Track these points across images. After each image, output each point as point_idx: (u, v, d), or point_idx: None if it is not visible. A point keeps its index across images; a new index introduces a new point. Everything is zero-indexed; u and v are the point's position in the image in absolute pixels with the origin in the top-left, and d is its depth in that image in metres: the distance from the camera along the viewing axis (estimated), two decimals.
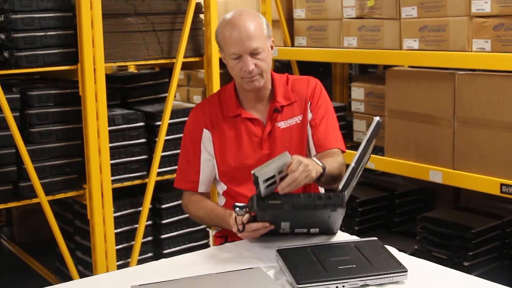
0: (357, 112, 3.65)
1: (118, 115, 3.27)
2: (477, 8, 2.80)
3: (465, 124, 2.91)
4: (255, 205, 1.96)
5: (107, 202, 3.13)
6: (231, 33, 2.21)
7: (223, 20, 2.28)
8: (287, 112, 2.35)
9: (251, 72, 2.22)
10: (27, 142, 3.00)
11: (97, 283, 2.03)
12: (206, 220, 2.38)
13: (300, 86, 2.40)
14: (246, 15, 2.25)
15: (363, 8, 3.37)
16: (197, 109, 2.41)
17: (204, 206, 2.33)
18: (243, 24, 2.21)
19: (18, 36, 2.94)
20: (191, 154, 2.38)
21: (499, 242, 3.12)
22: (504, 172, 2.76)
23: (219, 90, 2.46)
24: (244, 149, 2.32)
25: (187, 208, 2.42)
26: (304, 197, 1.97)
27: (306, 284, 1.77)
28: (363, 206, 3.62)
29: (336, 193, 1.98)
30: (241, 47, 2.20)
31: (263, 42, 2.23)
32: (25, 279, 3.91)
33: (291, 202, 1.95)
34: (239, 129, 2.33)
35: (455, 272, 1.97)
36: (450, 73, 2.97)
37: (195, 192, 2.40)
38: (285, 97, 2.36)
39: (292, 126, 2.34)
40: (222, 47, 2.29)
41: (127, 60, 3.28)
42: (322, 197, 1.97)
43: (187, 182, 2.41)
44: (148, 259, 3.44)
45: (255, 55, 2.22)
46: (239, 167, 2.32)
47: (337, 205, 1.97)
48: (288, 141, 2.33)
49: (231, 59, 2.25)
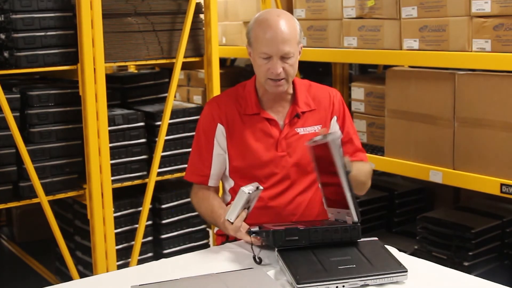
0: (357, 112, 3.65)
1: (118, 115, 3.27)
2: (477, 8, 2.80)
3: (465, 124, 2.91)
4: (272, 242, 1.97)
5: (107, 202, 3.13)
6: (266, 32, 2.19)
7: (259, 17, 2.26)
8: (306, 119, 2.35)
9: (278, 75, 2.20)
10: (27, 142, 3.00)
11: (97, 283, 2.03)
12: (206, 219, 2.40)
13: (321, 96, 2.40)
14: (284, 17, 2.23)
15: (363, 8, 3.37)
16: (212, 103, 2.40)
17: (206, 205, 2.34)
18: (280, 26, 2.19)
19: (18, 36, 2.94)
20: (204, 148, 2.37)
21: (499, 242, 3.12)
22: (504, 172, 2.76)
23: (237, 86, 2.44)
24: (258, 148, 2.31)
25: (193, 201, 2.44)
26: (321, 231, 1.98)
27: (306, 284, 1.77)
28: (363, 206, 3.62)
29: (352, 226, 2.00)
30: (273, 49, 2.19)
31: (295, 47, 2.23)
32: (25, 279, 3.91)
33: (308, 237, 1.96)
34: (255, 127, 2.33)
35: (455, 272, 1.97)
36: (450, 73, 2.97)
37: (204, 185, 2.41)
38: (306, 103, 2.36)
39: (310, 134, 2.33)
40: (252, 43, 2.27)
41: (127, 60, 3.28)
42: (338, 231, 1.99)
43: (198, 176, 2.41)
44: (148, 259, 3.44)
45: (285, 59, 2.21)
46: (251, 165, 2.32)
47: (353, 238, 2.00)
48: (304, 147, 2.31)
49: (259, 57, 2.23)
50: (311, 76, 4.43)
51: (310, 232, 1.96)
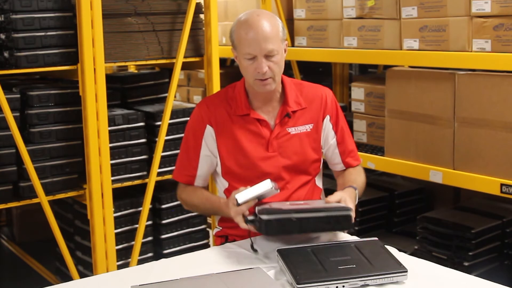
0: (357, 112, 3.65)
1: (118, 115, 3.27)
2: (477, 8, 2.80)
3: (465, 124, 2.92)
4: (264, 232, 2.00)
5: (107, 202, 3.13)
6: (247, 32, 2.20)
7: (240, 19, 2.26)
8: (298, 118, 2.35)
9: (264, 74, 2.20)
10: (27, 142, 3.00)
11: (97, 283, 2.03)
12: (201, 209, 2.42)
13: (313, 95, 2.40)
14: (264, 16, 2.23)
15: (363, 8, 3.37)
16: (202, 105, 2.41)
17: (199, 195, 2.37)
18: (260, 25, 2.19)
19: (18, 36, 2.94)
20: (191, 148, 2.38)
21: (499, 242, 3.12)
22: (504, 172, 2.76)
23: (227, 87, 2.44)
24: (249, 149, 2.31)
25: (181, 196, 2.45)
26: (313, 221, 2.00)
27: (306, 284, 1.77)
28: (363, 206, 3.62)
29: (344, 216, 2.02)
30: (256, 48, 2.19)
31: (278, 45, 2.22)
32: (25, 279, 3.91)
33: (298, 227, 1.99)
34: (245, 128, 2.33)
35: (455, 272, 1.97)
36: (450, 73, 2.97)
37: (188, 186, 2.43)
38: (296, 102, 2.36)
39: (301, 133, 2.34)
40: (236, 46, 2.28)
41: (127, 60, 3.28)
42: (330, 222, 2.00)
43: (184, 176, 2.43)
44: (148, 259, 3.44)
45: (270, 57, 2.20)
46: (243, 165, 2.32)
47: (345, 227, 2.04)
48: (296, 147, 2.34)
49: (244, 59, 2.23)
50: (311, 76, 4.45)
51: (302, 222, 1.98)
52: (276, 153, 2.32)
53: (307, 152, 2.35)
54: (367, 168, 3.42)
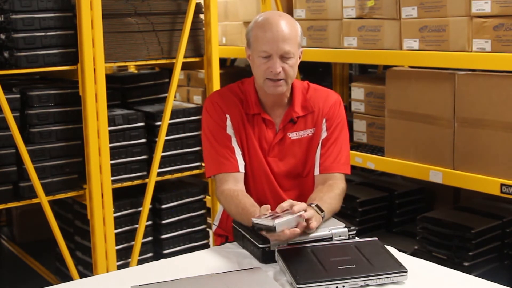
0: (357, 112, 3.65)
1: (118, 115, 3.27)
2: (477, 8, 2.80)
3: (465, 124, 2.92)
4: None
5: (107, 202, 3.13)
6: (266, 30, 2.18)
7: (259, 17, 2.24)
8: (300, 124, 2.33)
9: (277, 74, 2.18)
10: (27, 142, 3.00)
11: (97, 283, 2.03)
12: (238, 218, 2.23)
13: (318, 98, 2.36)
14: (285, 18, 2.22)
15: (363, 8, 3.37)
16: (215, 97, 2.35)
17: (237, 204, 2.20)
18: (281, 25, 2.18)
19: (18, 36, 2.94)
20: (222, 137, 2.29)
21: (499, 242, 3.12)
22: (504, 172, 2.76)
23: (234, 83, 2.40)
24: (253, 150, 2.31)
25: (220, 200, 2.30)
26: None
27: (306, 284, 1.77)
28: (363, 206, 3.62)
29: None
30: (273, 47, 2.16)
31: (295, 48, 2.21)
32: (25, 279, 3.91)
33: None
34: (254, 127, 2.31)
35: (455, 272, 1.97)
36: (450, 73, 2.97)
37: (231, 179, 2.28)
38: (302, 107, 2.33)
39: (302, 138, 2.33)
40: (251, 43, 2.25)
41: (127, 60, 3.28)
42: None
43: (226, 166, 2.27)
44: (148, 259, 3.44)
45: (285, 59, 2.19)
46: (246, 162, 2.32)
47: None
48: (296, 152, 2.33)
49: (259, 57, 2.20)
50: (311, 76, 4.45)
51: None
52: (276, 158, 2.32)
53: (307, 157, 2.34)
54: (367, 168, 3.43)
